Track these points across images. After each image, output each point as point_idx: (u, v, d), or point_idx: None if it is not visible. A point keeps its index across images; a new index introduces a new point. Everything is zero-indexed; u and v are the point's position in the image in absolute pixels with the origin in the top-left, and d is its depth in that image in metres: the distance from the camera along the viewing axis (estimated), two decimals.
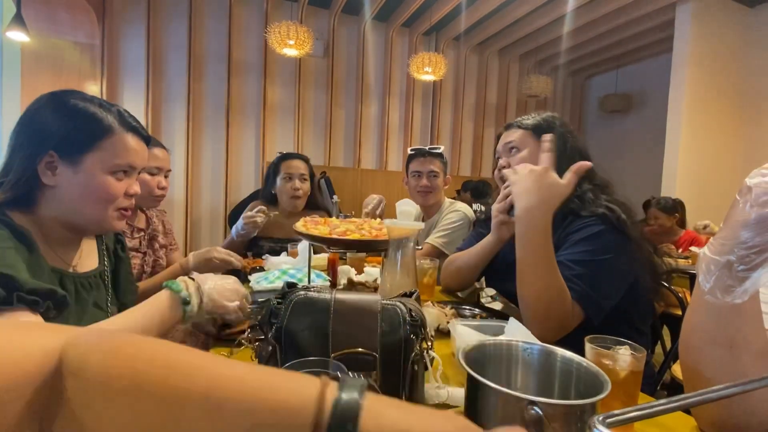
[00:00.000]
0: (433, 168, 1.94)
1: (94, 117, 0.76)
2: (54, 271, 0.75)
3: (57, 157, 0.74)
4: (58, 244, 0.79)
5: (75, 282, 0.79)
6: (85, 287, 0.82)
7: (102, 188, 0.77)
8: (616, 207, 1.04)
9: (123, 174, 0.80)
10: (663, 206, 3.17)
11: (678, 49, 4.13)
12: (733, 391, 0.40)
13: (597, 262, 0.96)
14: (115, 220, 0.82)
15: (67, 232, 0.80)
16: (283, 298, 0.63)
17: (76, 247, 0.84)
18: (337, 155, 5.14)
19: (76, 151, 0.75)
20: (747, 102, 4.34)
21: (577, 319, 0.96)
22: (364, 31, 5.02)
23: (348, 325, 0.60)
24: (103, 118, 0.77)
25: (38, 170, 0.73)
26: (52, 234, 0.78)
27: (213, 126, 4.47)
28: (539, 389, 0.57)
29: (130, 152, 0.80)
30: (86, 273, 0.84)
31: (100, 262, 0.89)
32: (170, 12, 4.24)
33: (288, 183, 2.09)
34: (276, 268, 1.57)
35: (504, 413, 0.47)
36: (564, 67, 6.10)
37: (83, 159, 0.75)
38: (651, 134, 5.33)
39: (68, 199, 0.76)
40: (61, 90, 0.78)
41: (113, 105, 0.81)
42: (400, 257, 0.94)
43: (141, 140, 0.84)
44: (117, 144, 0.78)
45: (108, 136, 0.77)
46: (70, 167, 0.75)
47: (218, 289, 0.82)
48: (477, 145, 5.90)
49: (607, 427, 0.34)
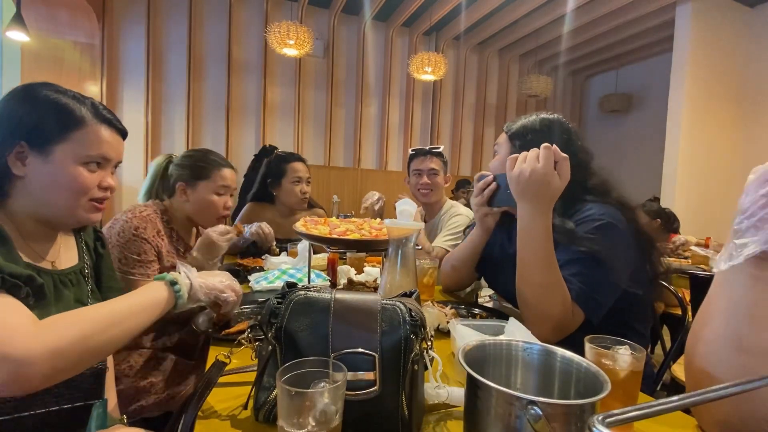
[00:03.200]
0: (433, 166, 1.95)
1: (66, 108, 0.77)
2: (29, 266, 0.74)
3: (27, 148, 0.74)
4: (33, 239, 0.79)
5: (53, 278, 0.79)
6: (65, 284, 0.81)
7: (72, 179, 0.77)
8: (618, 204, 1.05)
9: (96, 166, 0.80)
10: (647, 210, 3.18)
11: (678, 49, 4.13)
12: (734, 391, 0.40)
13: (598, 260, 0.96)
14: (89, 212, 0.81)
15: (42, 226, 0.80)
16: (283, 298, 0.63)
17: (52, 242, 0.83)
18: (337, 155, 5.14)
19: (46, 142, 0.75)
20: (747, 101, 4.34)
21: (578, 320, 0.96)
22: (364, 31, 5.02)
23: (348, 324, 0.60)
24: (75, 109, 0.77)
25: (8, 161, 0.73)
26: (26, 228, 0.77)
27: (213, 126, 4.47)
28: (539, 389, 0.57)
29: (103, 144, 0.80)
30: (65, 270, 0.83)
31: (80, 258, 0.89)
32: (170, 12, 4.24)
33: (297, 186, 2.14)
34: (275, 268, 1.57)
35: (504, 413, 0.47)
36: (564, 67, 6.10)
37: (53, 149, 0.75)
38: (651, 134, 5.33)
39: (39, 190, 0.76)
40: (35, 82, 0.78)
41: (87, 98, 0.82)
42: (400, 257, 0.94)
43: (116, 133, 0.84)
44: (89, 135, 0.78)
45: (80, 127, 0.77)
46: (39, 157, 0.75)
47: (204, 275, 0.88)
48: (477, 145, 5.90)
49: (607, 426, 0.34)
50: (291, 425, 0.47)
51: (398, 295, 0.70)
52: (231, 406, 0.67)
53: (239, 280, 1.53)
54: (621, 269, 0.99)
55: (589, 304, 0.95)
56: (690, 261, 2.69)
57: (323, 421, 0.48)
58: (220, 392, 0.70)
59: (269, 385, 0.61)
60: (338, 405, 0.49)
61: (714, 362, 0.55)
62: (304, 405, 0.48)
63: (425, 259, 1.29)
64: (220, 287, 0.88)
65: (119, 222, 1.26)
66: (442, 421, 0.65)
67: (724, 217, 4.01)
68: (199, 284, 0.84)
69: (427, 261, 1.27)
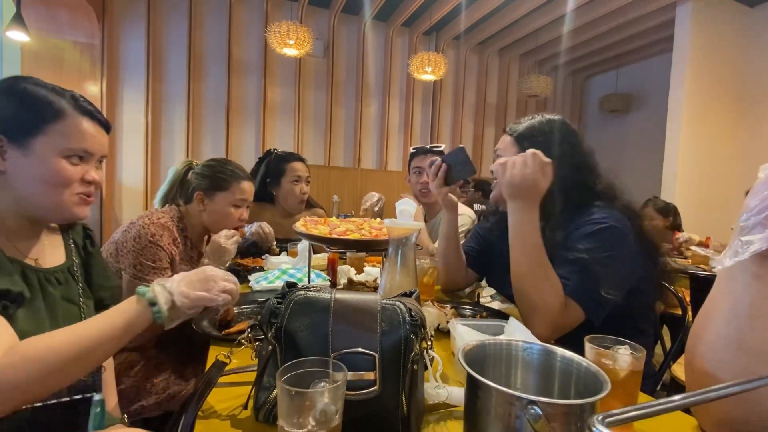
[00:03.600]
0: None
1: (44, 100, 0.76)
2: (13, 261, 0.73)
3: (6, 141, 0.73)
4: (17, 236, 0.78)
5: (38, 276, 0.78)
6: (51, 282, 0.80)
7: (54, 173, 0.75)
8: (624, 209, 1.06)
9: (78, 159, 0.78)
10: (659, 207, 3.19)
11: (678, 49, 4.13)
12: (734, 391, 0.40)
13: (599, 259, 0.97)
14: (76, 206, 0.80)
15: (25, 222, 0.79)
16: (283, 298, 0.63)
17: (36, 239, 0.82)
18: (337, 155, 5.14)
19: (25, 135, 0.74)
20: (747, 101, 4.34)
21: (575, 316, 0.97)
22: (364, 31, 5.02)
23: (348, 324, 0.60)
24: (54, 101, 0.76)
25: None
26: (9, 224, 0.76)
27: (213, 126, 4.47)
28: (539, 389, 0.57)
29: (85, 136, 0.78)
30: (52, 268, 0.82)
31: (67, 257, 0.88)
32: (170, 12, 4.24)
33: (297, 186, 2.14)
34: (275, 268, 1.57)
35: (504, 413, 0.47)
36: (564, 67, 6.10)
37: (33, 142, 0.74)
38: (651, 134, 5.33)
39: (20, 185, 0.75)
40: (13, 75, 0.77)
41: (67, 90, 0.80)
42: (400, 257, 0.94)
43: (98, 125, 0.82)
44: (70, 127, 0.77)
45: (59, 119, 0.76)
46: (19, 151, 0.74)
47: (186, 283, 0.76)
48: (477, 145, 5.90)
49: (607, 426, 0.34)
50: (291, 425, 0.47)
51: (398, 294, 0.70)
52: (231, 406, 0.67)
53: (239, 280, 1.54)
54: (622, 272, 0.99)
55: (587, 302, 0.96)
56: (690, 261, 2.69)
57: (323, 420, 0.48)
58: (220, 392, 0.70)
59: (269, 385, 0.61)
60: (338, 405, 0.49)
61: (715, 362, 0.55)
62: (305, 405, 0.48)
63: (425, 258, 1.29)
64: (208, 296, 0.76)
65: (135, 227, 1.26)
66: (442, 421, 0.65)
67: (724, 217, 4.01)
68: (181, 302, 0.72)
69: (427, 261, 1.27)
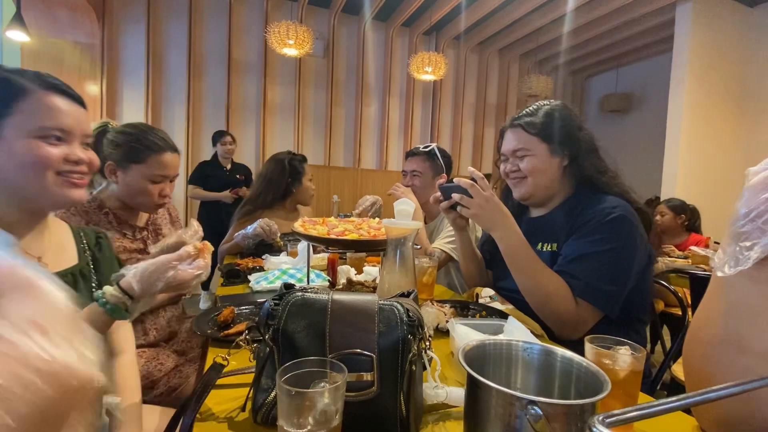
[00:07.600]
0: (414, 167, 1.92)
1: (5, 80, 0.73)
2: None
3: None
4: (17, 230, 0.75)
5: None
6: None
7: (27, 153, 0.72)
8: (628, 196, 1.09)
9: (56, 140, 0.75)
10: (672, 204, 3.15)
11: (678, 49, 4.12)
12: (734, 391, 0.39)
13: (606, 251, 0.98)
14: (63, 188, 0.76)
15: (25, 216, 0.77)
16: (280, 299, 0.62)
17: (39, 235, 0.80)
18: (337, 155, 5.13)
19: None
20: (747, 101, 4.33)
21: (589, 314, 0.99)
22: (364, 31, 5.02)
23: (345, 325, 0.59)
24: (13, 79, 0.73)
25: None
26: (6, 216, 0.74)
27: (213, 125, 4.46)
28: (539, 389, 0.57)
29: (58, 114, 0.75)
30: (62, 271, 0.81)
31: (80, 259, 0.87)
32: (170, 11, 4.24)
33: (311, 183, 2.36)
34: (275, 268, 1.57)
35: (504, 413, 0.46)
36: (564, 66, 6.10)
37: (2, 126, 0.71)
38: (651, 134, 5.33)
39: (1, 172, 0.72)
40: None
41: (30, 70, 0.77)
42: (399, 257, 0.93)
43: (71, 101, 0.78)
44: (38, 104, 0.73)
45: (23, 96, 0.73)
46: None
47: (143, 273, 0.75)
48: (477, 145, 5.90)
49: (607, 426, 0.34)
50: (291, 425, 0.47)
51: (396, 295, 0.69)
52: (229, 408, 0.66)
53: (239, 280, 1.55)
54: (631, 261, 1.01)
55: (598, 300, 0.97)
56: (690, 261, 2.69)
57: (323, 421, 0.47)
58: (218, 394, 0.70)
59: (267, 387, 0.61)
60: (338, 405, 0.49)
61: (714, 364, 0.55)
62: (305, 405, 0.48)
63: (424, 258, 1.28)
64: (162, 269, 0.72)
65: None
66: (441, 421, 0.65)
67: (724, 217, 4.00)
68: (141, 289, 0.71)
69: (426, 260, 1.26)
